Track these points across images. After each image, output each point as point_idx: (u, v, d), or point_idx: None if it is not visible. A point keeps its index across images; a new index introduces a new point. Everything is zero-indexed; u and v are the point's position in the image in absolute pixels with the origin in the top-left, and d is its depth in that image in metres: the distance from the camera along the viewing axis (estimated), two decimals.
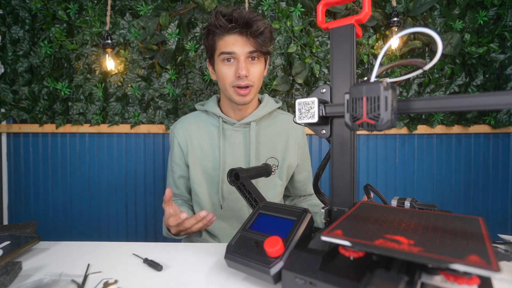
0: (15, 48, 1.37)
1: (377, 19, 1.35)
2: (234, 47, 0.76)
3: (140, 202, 1.47)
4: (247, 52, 0.76)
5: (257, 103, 0.92)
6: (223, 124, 0.87)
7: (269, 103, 0.91)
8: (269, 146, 0.89)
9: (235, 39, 0.76)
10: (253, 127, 0.86)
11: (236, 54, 0.76)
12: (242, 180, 0.57)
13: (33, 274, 0.46)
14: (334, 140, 0.43)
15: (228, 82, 0.79)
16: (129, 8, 1.38)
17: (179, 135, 0.89)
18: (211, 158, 0.87)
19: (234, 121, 0.86)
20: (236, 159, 0.86)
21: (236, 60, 0.77)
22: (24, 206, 1.47)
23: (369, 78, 0.35)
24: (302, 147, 0.94)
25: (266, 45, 0.78)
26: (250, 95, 0.80)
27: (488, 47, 1.35)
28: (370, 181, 1.47)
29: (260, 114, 0.87)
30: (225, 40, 0.77)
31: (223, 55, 0.77)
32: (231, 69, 0.78)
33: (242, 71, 0.76)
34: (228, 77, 0.79)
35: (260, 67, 0.81)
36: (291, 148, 0.90)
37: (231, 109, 0.87)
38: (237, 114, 0.88)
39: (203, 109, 0.91)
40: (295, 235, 0.40)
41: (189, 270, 0.47)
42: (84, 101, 1.40)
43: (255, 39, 0.76)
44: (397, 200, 0.46)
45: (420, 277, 0.31)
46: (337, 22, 0.42)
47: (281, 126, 0.91)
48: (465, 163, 1.46)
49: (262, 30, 0.75)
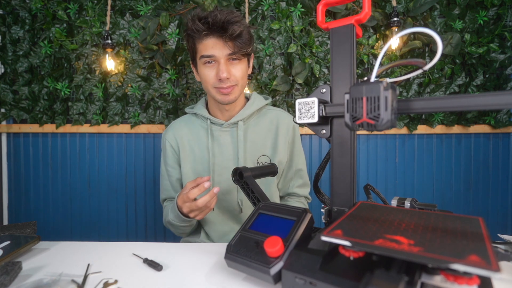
0: (15, 48, 1.37)
1: (377, 19, 1.35)
2: (214, 50, 0.76)
3: (140, 202, 1.47)
4: (226, 55, 0.76)
5: (244, 102, 0.91)
6: (211, 126, 0.88)
7: (257, 101, 0.90)
8: (258, 144, 0.88)
9: (214, 42, 0.75)
10: (241, 127, 0.86)
11: (216, 57, 0.76)
12: (245, 179, 0.57)
13: (33, 274, 0.46)
14: (334, 140, 0.43)
15: (210, 83, 0.79)
16: (129, 8, 1.38)
17: (171, 139, 0.89)
18: (201, 160, 0.87)
19: (222, 122, 0.86)
20: (225, 159, 0.86)
21: (217, 63, 0.77)
22: (24, 206, 1.47)
23: (369, 78, 0.35)
24: (291, 144, 0.92)
25: (245, 47, 0.77)
26: (233, 94, 0.80)
27: (488, 47, 1.35)
28: (370, 181, 1.47)
29: (248, 112, 0.87)
30: (204, 43, 0.76)
31: (203, 58, 0.77)
32: (212, 71, 0.78)
33: (223, 73, 0.76)
34: (210, 79, 0.79)
35: (242, 67, 0.80)
36: (280, 144, 0.89)
37: (219, 110, 0.87)
38: (225, 115, 0.88)
39: (192, 111, 0.91)
40: (295, 235, 0.40)
41: (189, 270, 0.47)
42: (84, 101, 1.40)
43: (233, 42, 0.75)
44: (397, 200, 0.46)
45: (420, 277, 0.31)
46: (337, 22, 0.42)
47: (270, 122, 0.90)
48: (465, 163, 1.46)
49: (238, 33, 0.73)
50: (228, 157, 0.86)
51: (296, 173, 0.93)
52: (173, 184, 0.91)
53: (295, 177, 0.93)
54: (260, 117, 0.91)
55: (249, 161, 0.87)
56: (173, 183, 0.91)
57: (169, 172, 0.91)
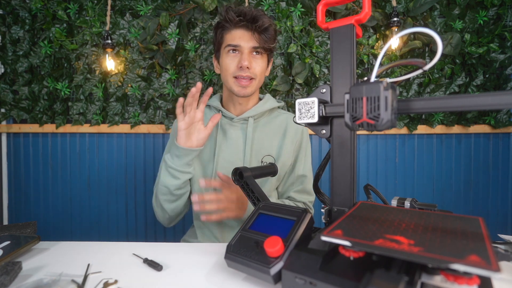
0: (15, 48, 1.37)
1: (377, 19, 1.35)
2: (240, 40, 0.81)
3: (140, 202, 1.47)
4: (251, 47, 0.81)
5: (257, 100, 0.94)
6: (222, 118, 0.90)
7: (270, 101, 0.93)
8: (265, 143, 0.89)
9: (241, 33, 0.81)
10: (251, 123, 0.88)
11: (241, 47, 0.81)
12: (245, 179, 0.57)
13: (33, 274, 0.46)
14: (334, 140, 0.43)
15: (230, 72, 0.83)
16: (129, 8, 1.37)
17: None
18: (207, 149, 0.88)
19: (233, 116, 0.89)
20: (231, 153, 0.87)
21: (240, 53, 0.82)
22: (24, 206, 1.47)
23: (369, 78, 0.35)
24: (297, 148, 0.91)
25: (270, 42, 0.82)
26: (250, 88, 0.84)
27: (488, 47, 1.35)
28: (370, 181, 1.47)
29: (259, 110, 0.89)
30: (232, 33, 0.82)
31: (228, 47, 0.82)
32: (234, 60, 0.82)
33: (244, 61, 0.80)
34: (231, 67, 0.83)
35: (262, 62, 0.84)
36: (286, 146, 0.89)
37: (232, 103, 0.90)
38: (237, 109, 0.90)
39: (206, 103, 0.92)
40: (295, 235, 0.40)
41: (189, 270, 0.47)
42: (84, 101, 1.40)
43: (259, 35, 0.80)
44: (397, 200, 0.46)
45: (420, 277, 0.31)
46: (337, 22, 0.42)
47: (279, 125, 0.92)
48: (465, 163, 1.46)
49: (266, 26, 0.80)
50: (234, 151, 0.87)
51: (297, 179, 0.91)
52: None
53: (296, 182, 0.92)
54: (270, 118, 0.93)
55: (254, 158, 0.88)
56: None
57: None
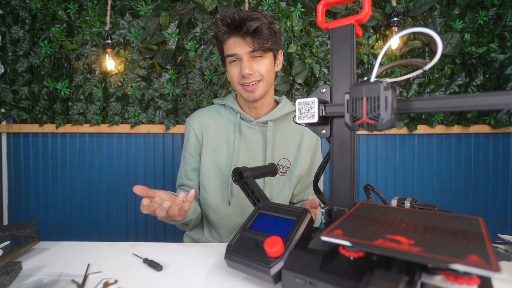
0: (15, 48, 1.37)
1: (377, 19, 1.35)
2: (236, 48, 0.79)
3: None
4: (247, 52, 0.78)
5: (273, 103, 0.92)
6: (240, 121, 0.89)
7: (287, 105, 0.92)
8: (283, 147, 0.89)
9: (235, 41, 0.79)
10: (271, 127, 0.87)
11: (238, 55, 0.79)
12: (245, 179, 0.57)
13: (33, 274, 0.46)
14: (334, 140, 0.43)
15: (235, 81, 0.83)
16: (129, 8, 1.37)
17: (196, 126, 0.90)
18: (224, 153, 0.87)
19: (252, 119, 0.87)
20: (250, 156, 0.87)
21: (240, 60, 0.80)
22: (24, 206, 1.47)
23: (369, 78, 0.35)
24: (313, 152, 0.93)
25: (265, 43, 0.78)
26: (258, 90, 0.82)
27: (488, 47, 1.35)
28: (370, 181, 1.47)
29: (278, 114, 0.88)
30: (228, 43, 0.80)
31: (228, 57, 0.81)
32: (236, 69, 0.82)
33: (244, 70, 0.78)
34: (235, 77, 0.82)
35: (266, 62, 0.81)
36: (303, 151, 0.90)
37: (247, 106, 0.89)
38: (252, 112, 0.89)
39: (222, 103, 0.92)
40: (295, 235, 0.40)
41: (189, 270, 0.47)
42: (84, 101, 1.40)
43: (252, 38, 0.77)
44: (397, 200, 0.46)
45: (420, 277, 0.31)
46: (337, 22, 0.42)
47: (295, 129, 0.92)
48: (465, 163, 1.46)
49: (254, 28, 0.75)
50: (253, 154, 0.87)
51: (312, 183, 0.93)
52: (186, 172, 0.91)
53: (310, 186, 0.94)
54: (287, 122, 0.92)
55: (274, 162, 0.88)
56: (187, 171, 0.91)
57: (186, 159, 0.91)
